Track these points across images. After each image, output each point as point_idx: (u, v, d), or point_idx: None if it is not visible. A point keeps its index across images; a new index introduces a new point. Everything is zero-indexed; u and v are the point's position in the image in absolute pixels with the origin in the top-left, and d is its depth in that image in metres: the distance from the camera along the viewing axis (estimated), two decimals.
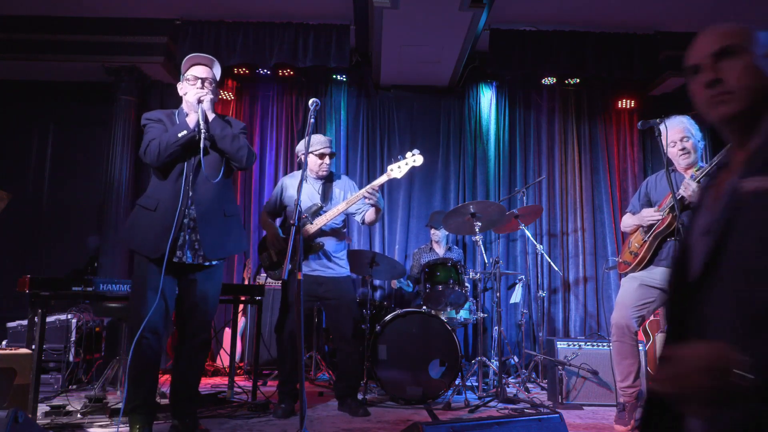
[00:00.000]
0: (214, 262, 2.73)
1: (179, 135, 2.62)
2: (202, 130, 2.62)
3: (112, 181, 5.28)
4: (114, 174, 5.29)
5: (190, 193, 2.66)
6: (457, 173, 5.91)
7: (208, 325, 2.80)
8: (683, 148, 3.04)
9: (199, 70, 2.76)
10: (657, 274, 3.04)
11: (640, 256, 3.06)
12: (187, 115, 2.73)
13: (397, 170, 3.33)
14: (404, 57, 5.36)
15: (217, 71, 2.85)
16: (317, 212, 3.41)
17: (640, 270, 3.10)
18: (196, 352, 2.74)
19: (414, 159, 3.32)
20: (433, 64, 5.52)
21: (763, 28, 1.12)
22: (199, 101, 2.67)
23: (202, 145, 2.61)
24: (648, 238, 3.03)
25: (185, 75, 2.78)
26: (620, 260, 3.27)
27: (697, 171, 3.04)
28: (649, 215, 3.07)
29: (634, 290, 3.07)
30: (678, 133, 3.05)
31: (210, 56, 2.84)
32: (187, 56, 2.79)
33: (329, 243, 3.47)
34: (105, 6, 5.16)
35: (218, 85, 2.87)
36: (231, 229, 2.78)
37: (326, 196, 3.54)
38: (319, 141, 3.49)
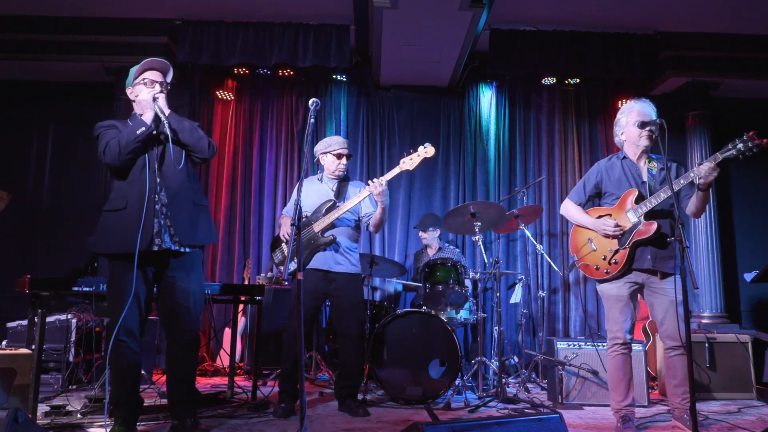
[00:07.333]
0: (187, 250, 2.70)
1: (138, 132, 2.61)
2: (163, 120, 2.62)
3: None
4: None
5: (158, 179, 2.67)
6: (457, 173, 5.91)
7: (195, 323, 2.76)
8: (651, 130, 2.94)
9: (153, 74, 2.78)
10: (634, 277, 2.96)
11: (621, 264, 2.93)
12: (141, 115, 2.71)
13: (409, 162, 3.36)
14: (404, 57, 5.36)
15: (170, 77, 2.84)
16: (331, 208, 3.45)
17: (622, 276, 2.96)
18: (186, 351, 2.73)
19: (426, 150, 3.36)
20: (433, 64, 5.51)
21: None
22: (154, 99, 2.68)
23: (168, 132, 2.62)
24: (627, 245, 2.90)
25: (138, 79, 2.77)
26: (588, 263, 3.05)
27: (651, 163, 3.00)
28: (610, 228, 2.92)
29: (628, 300, 2.99)
30: (649, 116, 2.96)
31: (165, 61, 2.82)
32: (143, 61, 2.78)
33: (341, 239, 3.48)
34: (105, 6, 5.16)
35: (169, 91, 2.85)
36: (200, 218, 2.77)
37: (340, 194, 3.57)
38: (337, 141, 3.57)
